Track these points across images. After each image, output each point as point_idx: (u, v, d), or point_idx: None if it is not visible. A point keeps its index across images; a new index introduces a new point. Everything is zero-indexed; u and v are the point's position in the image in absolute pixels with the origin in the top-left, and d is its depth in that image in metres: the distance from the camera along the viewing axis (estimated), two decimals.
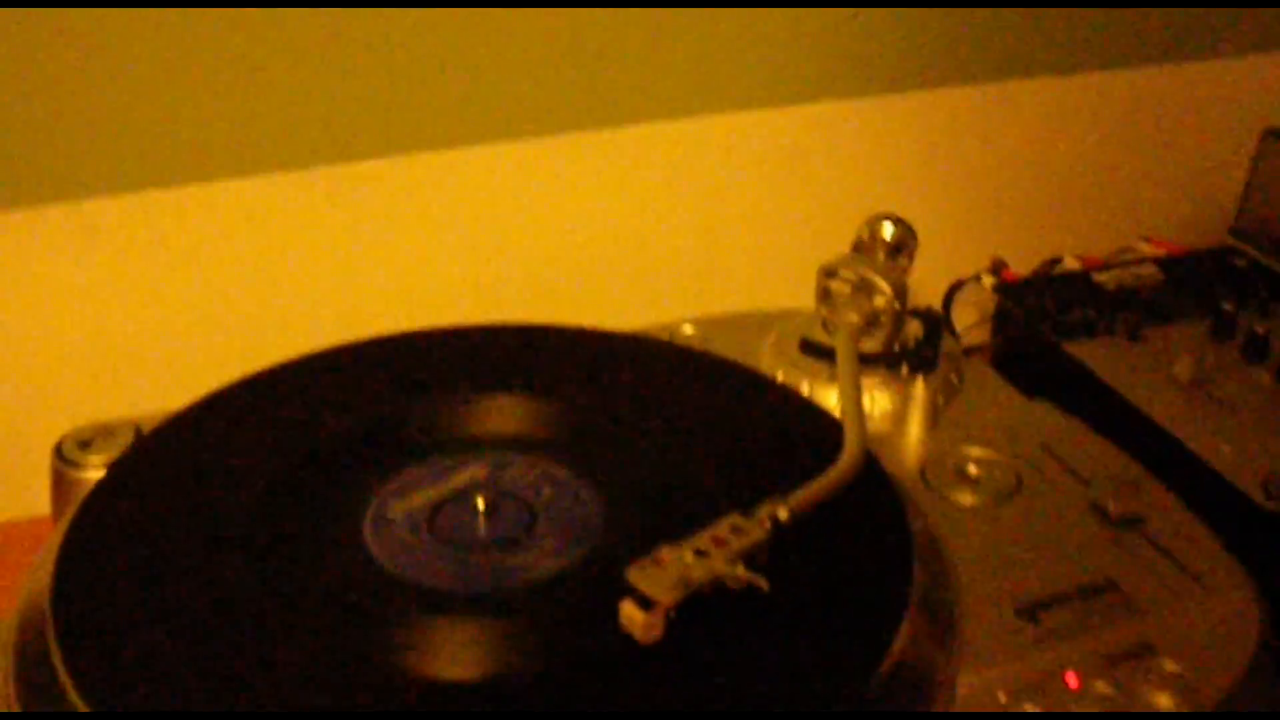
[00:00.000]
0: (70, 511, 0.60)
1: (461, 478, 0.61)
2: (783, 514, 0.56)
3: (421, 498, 0.60)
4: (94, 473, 0.65)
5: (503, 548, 0.57)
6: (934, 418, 0.73)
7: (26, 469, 0.75)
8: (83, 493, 0.62)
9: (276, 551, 0.57)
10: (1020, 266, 0.90)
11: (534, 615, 0.55)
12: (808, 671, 0.51)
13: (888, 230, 0.75)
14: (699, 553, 0.52)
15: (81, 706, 0.49)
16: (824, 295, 0.73)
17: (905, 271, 0.74)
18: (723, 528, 0.55)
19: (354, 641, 0.52)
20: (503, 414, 0.66)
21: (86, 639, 0.53)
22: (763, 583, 0.52)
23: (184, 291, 0.88)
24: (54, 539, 0.59)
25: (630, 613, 0.51)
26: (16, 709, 0.51)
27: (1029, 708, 0.53)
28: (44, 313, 0.87)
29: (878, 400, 0.73)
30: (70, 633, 0.53)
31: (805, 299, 0.73)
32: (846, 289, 0.72)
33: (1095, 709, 0.54)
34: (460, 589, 0.56)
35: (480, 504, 0.58)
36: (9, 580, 0.60)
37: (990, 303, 0.88)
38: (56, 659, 0.51)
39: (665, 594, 0.51)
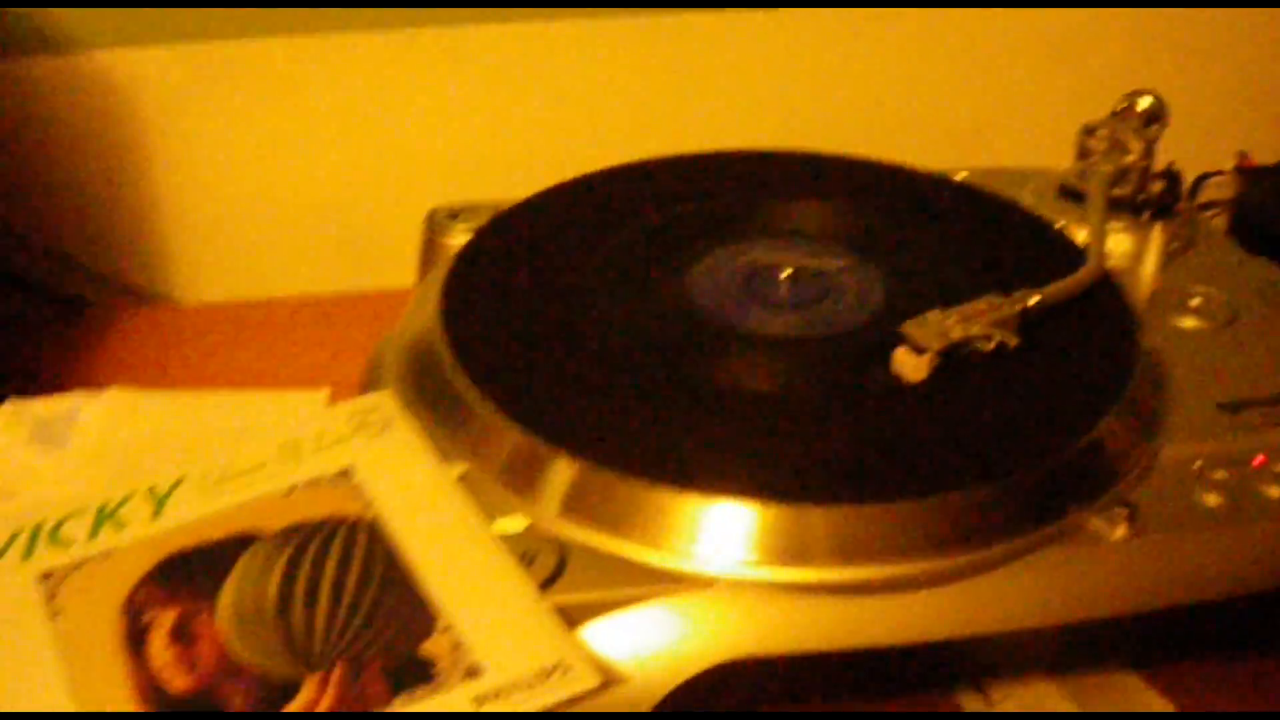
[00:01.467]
0: (444, 267, 0.77)
1: (772, 255, 0.76)
2: (1033, 299, 0.69)
3: (739, 265, 0.75)
4: (460, 238, 0.78)
5: (799, 308, 0.72)
6: (1166, 261, 0.83)
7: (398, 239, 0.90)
8: (448, 255, 0.79)
9: (616, 296, 0.74)
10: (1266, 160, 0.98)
11: (824, 351, 0.70)
12: (1028, 426, 0.65)
13: (1144, 102, 0.85)
14: (962, 317, 0.67)
15: (478, 407, 0.66)
16: (1082, 151, 0.84)
17: (1155, 139, 0.83)
18: (982, 303, 0.69)
19: (677, 365, 0.68)
20: (810, 213, 0.77)
21: (474, 348, 0.70)
22: (1012, 339, 0.66)
23: (535, 110, 1.03)
24: (425, 289, 0.77)
25: (902, 357, 0.66)
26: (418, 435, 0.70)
27: (1219, 475, 0.64)
28: (417, 119, 1.03)
29: (1119, 241, 0.82)
30: (462, 345, 0.70)
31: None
32: (1103, 145, 0.83)
33: (1273, 492, 0.64)
34: (765, 330, 0.71)
35: (785, 273, 0.73)
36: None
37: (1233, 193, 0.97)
38: (452, 369, 0.69)
39: (932, 342, 0.66)
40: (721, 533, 0.59)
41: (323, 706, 0.54)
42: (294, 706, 0.55)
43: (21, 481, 0.67)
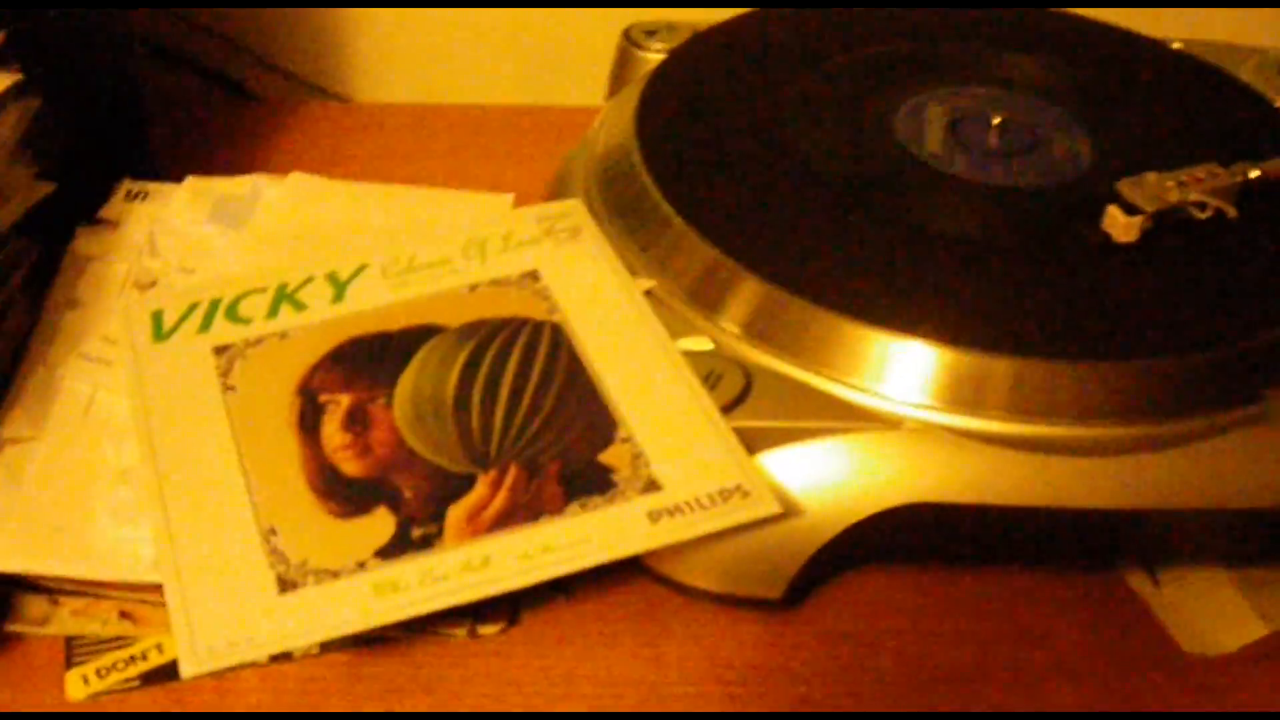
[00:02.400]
0: (639, 84, 0.74)
1: (982, 103, 0.72)
2: (1254, 172, 0.65)
3: (947, 108, 0.71)
4: (655, 57, 0.75)
5: (1007, 157, 0.69)
6: None
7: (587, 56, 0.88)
8: (642, 73, 0.76)
9: (819, 125, 0.71)
10: None
11: (1028, 202, 0.67)
12: (1230, 302, 0.59)
13: None
14: (1180, 182, 0.64)
15: (670, 223, 0.65)
16: None
17: None
18: (1201, 170, 0.65)
19: (876, 199, 0.66)
20: (1024, 65, 0.76)
21: (669, 164, 0.68)
22: (1231, 210, 0.63)
23: None
24: (619, 105, 0.74)
25: (1114, 215, 0.63)
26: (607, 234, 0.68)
27: None
28: None
29: None
30: (657, 160, 0.68)
31: None
32: None
33: None
34: (970, 176, 0.68)
35: (995, 120, 0.70)
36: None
37: None
38: (645, 183, 0.67)
39: (1147, 204, 0.62)
40: (906, 373, 0.57)
41: (495, 507, 0.53)
42: (466, 503, 0.55)
43: (200, 259, 0.66)
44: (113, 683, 0.53)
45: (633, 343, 0.59)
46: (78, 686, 0.53)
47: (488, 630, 0.56)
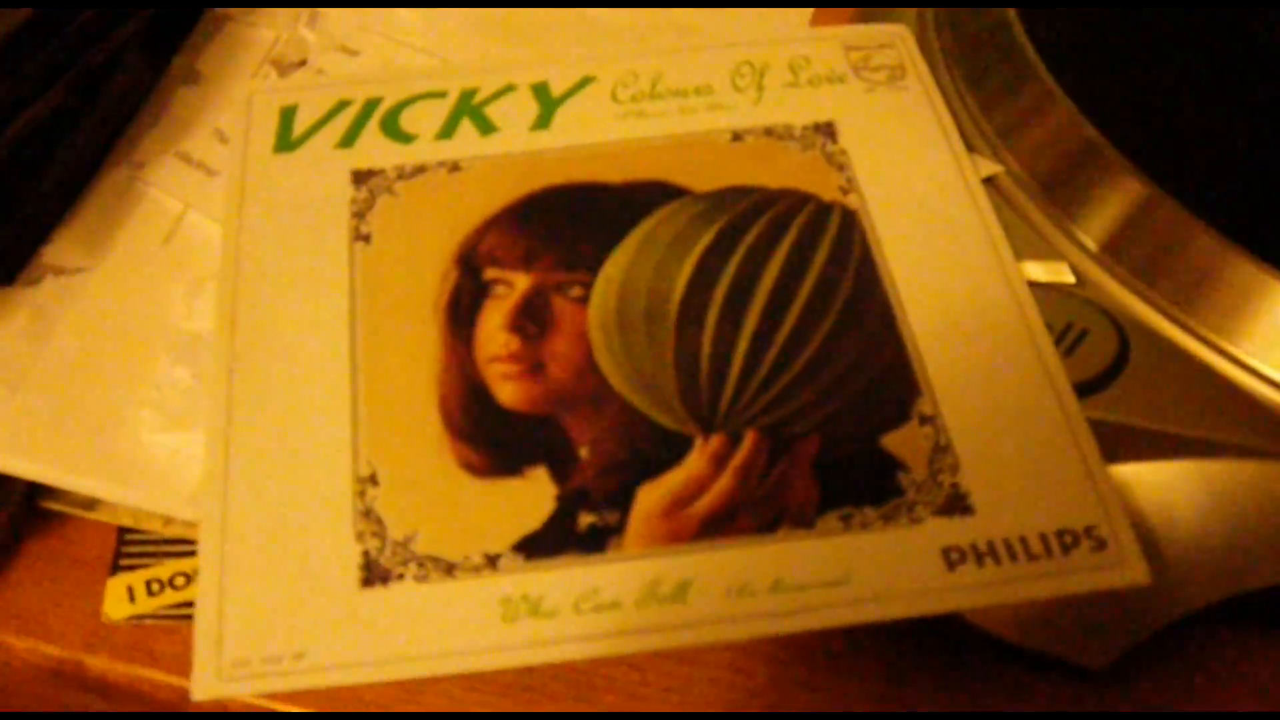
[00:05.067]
0: None
1: None
2: None
3: None
4: None
5: None
6: None
7: None
8: None
9: None
10: None
11: None
12: None
13: None
14: None
15: (1038, 81, 0.40)
16: None
17: None
18: None
19: None
20: None
21: None
22: None
23: None
24: None
25: None
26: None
27: None
28: None
29: None
30: None
31: None
32: None
33: None
34: None
35: None
36: None
37: None
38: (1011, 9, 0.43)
39: None
40: None
41: (712, 497, 0.33)
42: (668, 484, 0.36)
43: (373, 38, 0.45)
44: (164, 604, 0.39)
45: (958, 258, 0.36)
46: (119, 602, 0.39)
47: None
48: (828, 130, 0.42)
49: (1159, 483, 0.36)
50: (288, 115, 0.43)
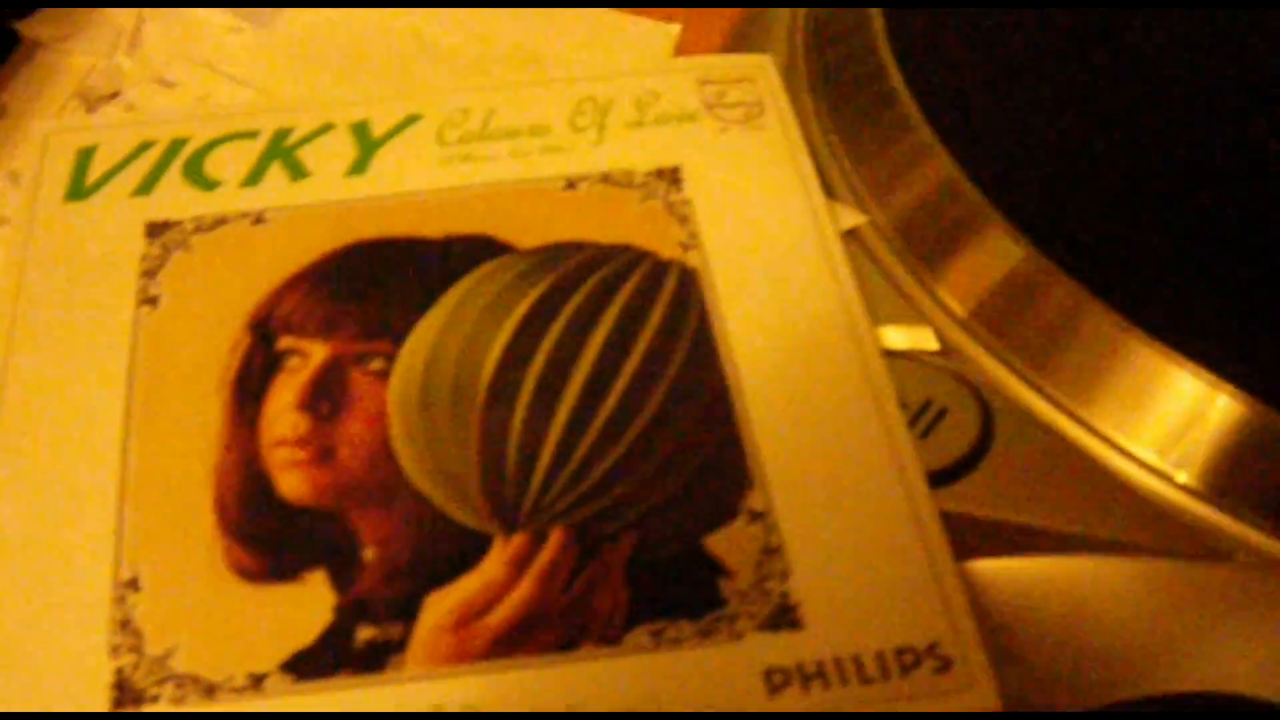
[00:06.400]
0: None
1: None
2: None
3: None
4: None
5: None
6: None
7: None
8: None
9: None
10: None
11: None
12: None
13: None
14: None
15: (914, 124, 0.35)
16: None
17: None
18: None
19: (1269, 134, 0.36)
20: None
21: (923, 24, 0.40)
22: None
23: None
24: None
25: None
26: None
27: None
28: None
29: None
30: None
31: None
32: None
33: None
34: None
35: None
36: None
37: None
38: (881, 42, 0.41)
39: None
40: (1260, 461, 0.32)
41: (508, 608, 0.28)
42: (460, 592, 0.32)
43: (193, 69, 0.40)
44: None
45: (807, 326, 0.33)
46: None
47: None
48: (672, 177, 0.37)
49: (1022, 581, 0.32)
50: (84, 158, 0.38)
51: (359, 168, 0.38)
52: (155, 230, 0.37)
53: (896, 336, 0.35)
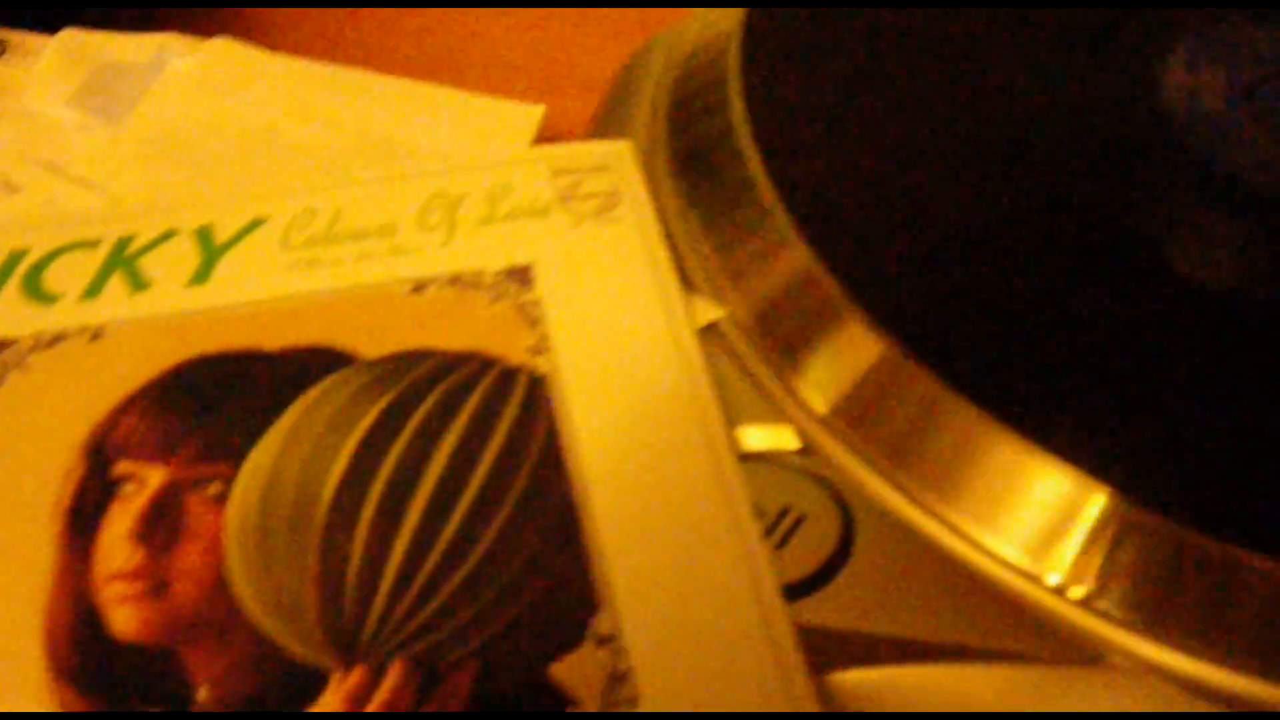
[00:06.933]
0: None
1: None
2: None
3: (1251, 59, 0.40)
4: None
5: None
6: None
7: None
8: None
9: (1025, 76, 0.41)
10: None
11: None
12: None
13: None
14: None
15: (770, 191, 0.33)
16: None
17: None
18: None
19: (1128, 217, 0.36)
20: None
21: (782, 104, 0.40)
22: None
23: None
24: None
25: None
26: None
27: None
28: None
29: None
30: (760, 90, 0.40)
31: None
32: None
33: None
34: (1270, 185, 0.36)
35: None
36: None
37: None
38: (740, 123, 0.39)
39: None
40: (1129, 563, 0.32)
41: None
42: None
43: (33, 170, 0.38)
44: None
45: (659, 432, 0.32)
46: None
47: None
48: (523, 276, 0.36)
49: (886, 693, 0.31)
50: None
51: (201, 276, 0.37)
52: None
53: (756, 437, 0.34)
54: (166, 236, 0.38)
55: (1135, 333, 0.34)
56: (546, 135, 0.43)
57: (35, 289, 0.37)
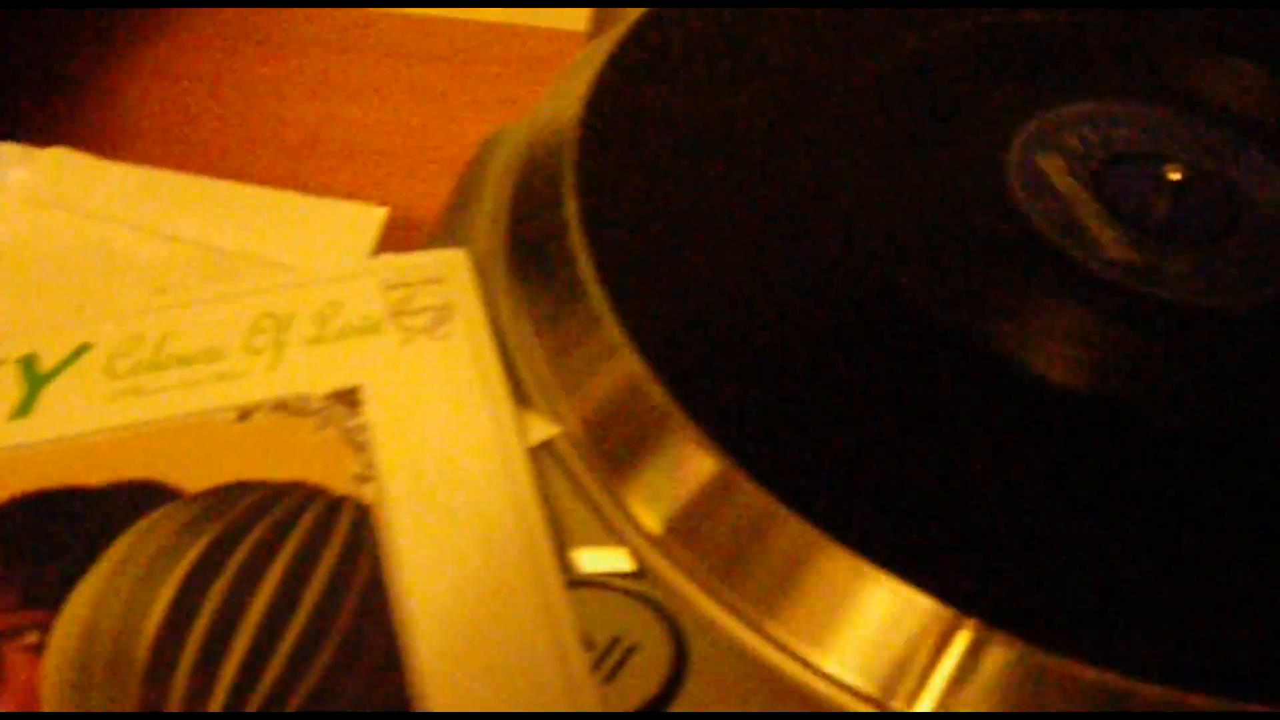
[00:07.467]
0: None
1: (1155, 139, 0.41)
2: None
3: (1094, 143, 0.40)
4: None
5: (1187, 243, 0.37)
6: None
7: None
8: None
9: (867, 168, 0.41)
10: None
11: (1206, 349, 0.37)
12: None
13: None
14: None
15: (601, 298, 0.34)
16: None
17: None
18: None
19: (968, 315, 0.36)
20: (1228, 83, 0.45)
21: (615, 202, 0.40)
22: None
23: None
24: (587, 59, 0.43)
25: None
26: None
27: None
28: None
29: None
30: (594, 188, 0.40)
31: None
32: None
33: None
34: (1109, 275, 0.37)
35: (1172, 176, 0.38)
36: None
37: None
38: (574, 224, 0.38)
39: None
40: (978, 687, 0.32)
41: None
42: None
43: None
44: None
45: (486, 563, 0.31)
46: None
47: None
48: (350, 399, 0.35)
49: None
50: None
51: (24, 409, 0.36)
52: None
53: (590, 559, 0.34)
54: None
55: (970, 442, 0.34)
56: (412, 221, 0.43)
57: None
